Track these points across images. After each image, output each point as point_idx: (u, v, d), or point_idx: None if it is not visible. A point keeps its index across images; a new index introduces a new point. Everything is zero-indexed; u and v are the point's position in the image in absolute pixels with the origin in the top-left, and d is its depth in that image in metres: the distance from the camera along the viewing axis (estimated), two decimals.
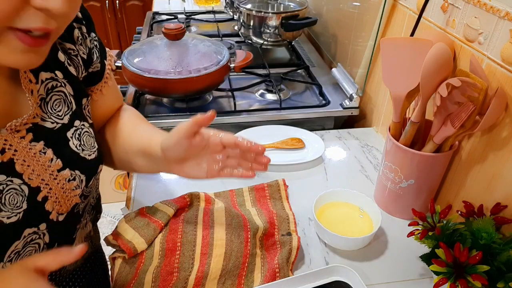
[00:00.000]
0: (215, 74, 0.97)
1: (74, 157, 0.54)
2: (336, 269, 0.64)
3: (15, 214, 0.46)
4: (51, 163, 0.51)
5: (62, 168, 0.52)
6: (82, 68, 0.58)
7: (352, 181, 0.86)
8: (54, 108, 0.52)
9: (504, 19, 0.58)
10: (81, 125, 0.56)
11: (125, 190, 2.27)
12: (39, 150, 0.49)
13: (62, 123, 0.53)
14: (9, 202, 0.46)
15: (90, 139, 0.58)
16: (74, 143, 0.55)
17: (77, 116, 0.56)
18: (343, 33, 1.21)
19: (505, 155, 0.60)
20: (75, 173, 0.54)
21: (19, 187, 0.47)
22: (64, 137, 0.54)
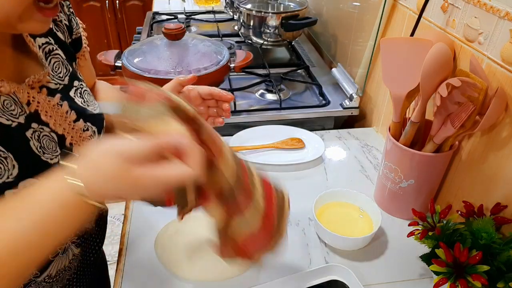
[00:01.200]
0: (215, 74, 0.97)
1: (83, 110, 0.59)
2: (332, 268, 0.64)
3: (55, 157, 0.52)
4: (67, 115, 0.55)
5: (77, 119, 0.57)
6: (67, 34, 0.62)
7: (352, 181, 0.86)
8: (55, 70, 0.57)
9: (504, 19, 0.58)
10: (80, 85, 0.61)
11: None
12: (56, 103, 0.54)
13: (64, 84, 0.57)
14: (47, 146, 0.51)
15: (90, 96, 0.62)
16: (79, 100, 0.59)
17: (75, 77, 0.60)
18: (343, 33, 1.21)
19: (505, 155, 0.60)
20: (87, 124, 0.58)
21: (49, 134, 0.52)
22: (69, 96, 0.58)
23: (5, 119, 0.47)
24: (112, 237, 2.01)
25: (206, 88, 0.66)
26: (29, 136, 0.49)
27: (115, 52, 1.02)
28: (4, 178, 0.45)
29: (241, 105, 1.07)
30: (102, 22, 2.74)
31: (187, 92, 0.66)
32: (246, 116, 1.02)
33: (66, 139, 0.55)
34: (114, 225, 2.08)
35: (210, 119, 0.67)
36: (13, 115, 0.48)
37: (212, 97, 0.66)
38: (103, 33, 2.79)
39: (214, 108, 0.67)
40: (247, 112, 1.04)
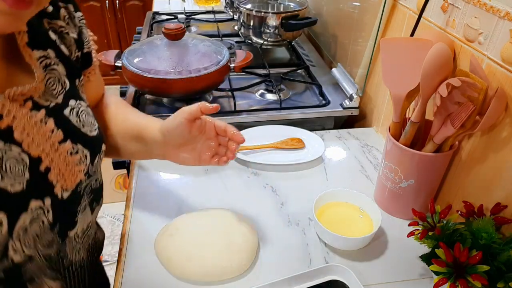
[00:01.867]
0: (215, 74, 0.97)
1: (75, 130, 0.52)
2: (332, 268, 0.64)
3: (19, 183, 0.44)
4: (52, 134, 0.49)
5: (63, 140, 0.50)
6: (75, 48, 0.57)
7: (352, 181, 0.86)
8: (48, 86, 0.50)
9: (504, 19, 0.58)
10: (77, 104, 0.55)
11: (125, 190, 2.27)
12: (40, 119, 0.47)
13: (56, 102, 0.51)
14: (10, 170, 0.44)
15: (90, 118, 0.56)
16: (73, 119, 0.53)
17: (72, 95, 0.54)
18: (343, 33, 1.21)
19: (505, 155, 0.60)
20: (77, 146, 0.52)
21: (18, 156, 0.45)
22: (62, 115, 0.52)
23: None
24: (112, 237, 2.02)
25: (223, 123, 0.63)
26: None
27: (115, 52, 1.02)
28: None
29: (241, 105, 1.07)
30: (102, 22, 2.74)
31: (204, 121, 0.62)
32: (246, 116, 1.02)
33: (42, 163, 0.47)
34: (114, 225, 2.08)
35: (215, 157, 0.64)
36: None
37: (226, 135, 0.63)
38: (103, 33, 2.79)
39: (224, 148, 0.64)
40: (247, 112, 1.04)
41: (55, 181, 0.49)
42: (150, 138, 0.64)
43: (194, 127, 0.61)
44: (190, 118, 0.59)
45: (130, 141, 0.66)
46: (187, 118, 0.59)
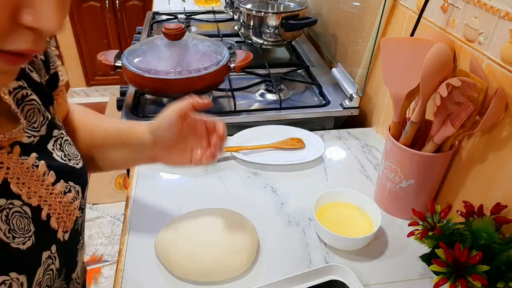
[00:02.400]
0: (215, 74, 0.97)
1: (64, 168, 0.50)
2: (332, 268, 0.64)
3: (28, 238, 0.43)
4: (44, 177, 0.46)
5: (56, 181, 0.48)
6: (44, 71, 0.53)
7: (352, 181, 0.86)
8: (28, 119, 0.47)
9: (504, 19, 0.58)
10: (60, 134, 0.52)
11: (125, 190, 2.27)
12: (31, 164, 0.44)
13: (40, 135, 0.48)
14: (18, 227, 0.42)
15: (72, 147, 0.54)
16: (58, 155, 0.50)
17: (54, 125, 0.51)
18: (343, 33, 1.21)
19: (505, 155, 0.60)
20: (69, 184, 0.50)
21: (21, 209, 0.43)
22: (46, 150, 0.49)
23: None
24: (112, 237, 2.02)
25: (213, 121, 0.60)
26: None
27: (115, 52, 1.02)
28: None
29: (241, 105, 1.07)
30: (102, 22, 2.74)
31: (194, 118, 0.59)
32: (246, 116, 1.02)
33: (43, 210, 0.45)
34: (114, 225, 2.08)
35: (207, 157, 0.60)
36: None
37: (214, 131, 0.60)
38: (103, 33, 2.79)
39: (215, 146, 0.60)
40: (247, 112, 1.04)
41: (56, 226, 0.48)
42: (137, 141, 0.61)
43: (185, 125, 0.58)
44: (182, 114, 0.56)
45: (110, 150, 0.63)
46: (178, 113, 0.56)
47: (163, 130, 0.58)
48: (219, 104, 1.09)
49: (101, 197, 2.21)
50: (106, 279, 1.79)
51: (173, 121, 0.57)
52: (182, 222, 0.71)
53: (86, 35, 2.78)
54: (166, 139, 0.59)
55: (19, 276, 0.40)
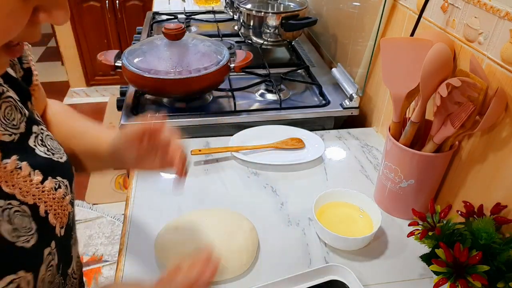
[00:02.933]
0: (215, 74, 0.97)
1: (49, 163, 0.49)
2: (332, 268, 0.64)
3: (31, 236, 0.43)
4: (31, 177, 0.46)
5: (44, 179, 0.48)
6: (19, 67, 0.53)
7: (352, 181, 0.86)
8: (7, 117, 0.46)
9: (504, 19, 0.58)
10: (40, 130, 0.52)
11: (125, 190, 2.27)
12: (14, 167, 0.44)
13: (20, 133, 0.48)
14: (20, 226, 0.42)
15: (54, 142, 0.53)
16: (41, 150, 0.50)
17: (33, 121, 0.51)
18: (343, 33, 1.21)
19: (505, 155, 0.60)
20: (57, 180, 0.50)
21: (20, 208, 0.43)
22: (28, 147, 0.48)
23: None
24: (112, 237, 2.01)
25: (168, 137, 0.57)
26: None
27: (115, 52, 1.02)
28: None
29: (241, 105, 1.07)
30: (102, 22, 2.74)
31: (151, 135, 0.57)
32: (246, 116, 1.02)
33: (40, 208, 0.45)
34: (114, 225, 2.08)
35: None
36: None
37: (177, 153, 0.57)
38: (103, 33, 2.79)
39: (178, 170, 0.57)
40: (247, 112, 1.04)
41: (54, 222, 0.48)
42: (103, 154, 0.61)
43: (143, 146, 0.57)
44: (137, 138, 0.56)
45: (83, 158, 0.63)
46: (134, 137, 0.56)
47: (122, 152, 0.58)
48: (219, 104, 1.09)
49: (101, 197, 2.21)
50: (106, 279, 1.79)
51: (129, 145, 0.57)
52: (182, 222, 0.71)
53: (86, 35, 2.78)
54: (127, 158, 0.59)
55: (26, 274, 0.41)
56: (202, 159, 0.91)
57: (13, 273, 0.40)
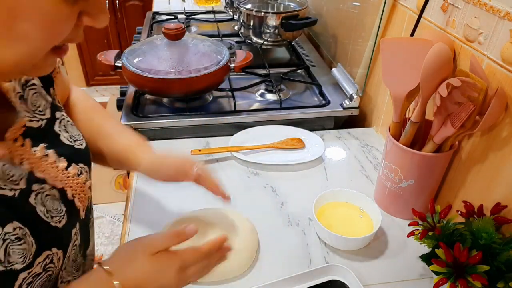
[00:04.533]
0: (215, 74, 0.97)
1: (72, 151, 0.52)
2: (332, 268, 0.64)
3: (62, 217, 0.47)
4: (57, 164, 0.49)
5: (68, 165, 0.51)
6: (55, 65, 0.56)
7: (352, 181, 0.86)
8: (34, 104, 0.49)
9: (504, 19, 0.58)
10: (62, 116, 0.54)
11: (125, 190, 2.27)
12: (42, 154, 0.47)
13: (46, 118, 0.51)
14: (52, 208, 0.46)
15: (73, 128, 0.56)
16: (65, 136, 0.53)
17: (56, 107, 0.54)
18: (343, 33, 1.21)
19: (505, 155, 0.60)
20: (79, 166, 0.53)
21: (50, 192, 0.46)
22: (54, 133, 0.51)
23: (8, 189, 0.41)
24: (112, 237, 2.02)
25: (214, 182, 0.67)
26: (33, 203, 0.43)
27: (115, 52, 1.02)
28: (26, 261, 0.40)
29: (241, 105, 1.07)
30: None
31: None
32: (246, 116, 1.02)
33: (67, 192, 0.49)
34: (114, 225, 2.08)
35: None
36: (14, 181, 0.42)
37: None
38: (103, 33, 2.79)
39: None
40: (247, 112, 1.04)
41: (79, 205, 0.52)
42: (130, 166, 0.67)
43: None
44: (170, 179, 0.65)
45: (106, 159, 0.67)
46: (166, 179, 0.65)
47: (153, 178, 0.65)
48: (219, 104, 1.09)
49: (101, 197, 2.20)
50: None
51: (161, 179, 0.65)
52: (182, 222, 0.70)
53: (86, 35, 2.78)
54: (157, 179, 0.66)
55: (58, 251, 0.45)
56: (202, 159, 0.91)
57: (49, 249, 0.43)
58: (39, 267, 0.42)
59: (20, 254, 0.40)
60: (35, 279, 0.42)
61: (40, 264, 0.42)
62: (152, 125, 0.98)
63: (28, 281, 0.41)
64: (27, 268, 0.40)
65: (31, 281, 0.41)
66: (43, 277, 0.43)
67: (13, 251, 0.39)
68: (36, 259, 0.42)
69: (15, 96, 0.47)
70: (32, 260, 0.41)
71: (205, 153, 0.91)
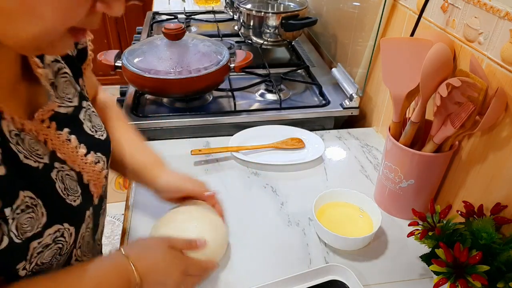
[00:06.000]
0: (215, 74, 0.97)
1: (92, 140, 0.55)
2: (332, 268, 0.64)
3: (78, 197, 0.49)
4: (77, 149, 0.52)
5: (87, 153, 0.53)
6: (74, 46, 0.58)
7: (352, 181, 0.86)
8: (64, 91, 0.52)
9: (504, 19, 0.58)
10: (87, 105, 0.57)
11: (125, 190, 2.27)
12: (65, 138, 0.50)
13: (74, 106, 0.53)
14: (69, 187, 0.49)
15: (97, 118, 0.59)
16: (88, 126, 0.55)
17: (83, 97, 0.57)
18: (343, 33, 1.21)
19: (505, 155, 0.60)
20: (97, 155, 0.55)
21: (69, 173, 0.49)
22: (78, 121, 0.54)
23: (33, 160, 0.44)
24: (112, 237, 2.01)
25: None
26: (54, 178, 0.46)
27: (115, 52, 1.02)
28: (34, 229, 0.42)
29: (241, 105, 1.07)
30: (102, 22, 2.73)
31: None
32: (246, 116, 1.02)
33: (83, 176, 0.52)
34: (114, 225, 2.08)
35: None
36: (39, 155, 0.45)
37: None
38: (103, 33, 2.79)
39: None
40: (247, 112, 1.04)
41: (93, 191, 0.54)
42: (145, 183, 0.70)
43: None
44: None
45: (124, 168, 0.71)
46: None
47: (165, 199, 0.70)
48: (219, 104, 1.09)
49: None
50: None
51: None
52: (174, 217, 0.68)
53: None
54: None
55: (70, 227, 0.47)
56: (202, 159, 0.91)
57: (60, 224, 0.46)
58: (49, 238, 0.44)
59: (28, 223, 0.42)
60: (45, 250, 0.44)
61: (51, 236, 0.44)
62: (152, 125, 0.98)
63: (38, 250, 0.43)
64: (37, 237, 0.43)
65: (40, 251, 0.44)
66: (52, 248, 0.45)
67: (21, 220, 0.41)
68: (46, 230, 0.44)
69: (48, 82, 0.50)
70: (42, 230, 0.43)
71: (205, 153, 0.91)
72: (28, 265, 0.43)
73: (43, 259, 0.44)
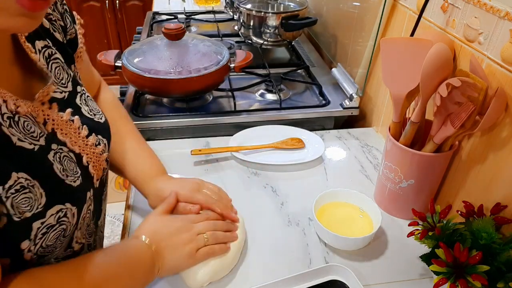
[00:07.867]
0: (215, 74, 0.97)
1: (92, 122, 0.56)
2: (332, 268, 0.64)
3: (77, 178, 0.50)
4: (80, 131, 0.53)
5: (89, 134, 0.54)
6: (63, 35, 0.58)
7: (352, 181, 0.86)
8: (57, 77, 0.52)
9: (504, 19, 0.58)
10: (82, 90, 0.57)
11: (125, 190, 2.27)
12: (68, 119, 0.51)
13: (68, 91, 0.54)
14: (68, 168, 0.49)
15: (93, 103, 0.59)
16: (85, 109, 0.56)
17: (76, 82, 0.57)
18: (343, 33, 1.21)
19: (505, 155, 0.60)
20: (98, 137, 0.56)
21: (68, 154, 0.50)
22: (76, 105, 0.55)
23: (28, 143, 0.44)
24: (112, 237, 2.01)
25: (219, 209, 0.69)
26: (51, 159, 0.47)
27: (115, 52, 1.02)
28: (34, 209, 0.43)
29: (241, 105, 1.07)
30: (102, 22, 2.74)
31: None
32: (246, 116, 1.02)
33: (83, 158, 0.52)
34: (114, 225, 2.08)
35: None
36: (34, 137, 0.45)
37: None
38: (103, 33, 2.79)
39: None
40: (247, 112, 1.04)
41: (93, 172, 0.55)
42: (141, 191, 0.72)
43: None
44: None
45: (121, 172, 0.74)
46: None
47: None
48: (219, 104, 1.09)
49: None
50: None
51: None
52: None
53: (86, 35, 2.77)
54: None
55: (72, 207, 0.48)
56: (202, 159, 0.91)
57: (62, 204, 0.46)
58: (53, 219, 0.45)
59: (26, 203, 0.42)
60: (49, 230, 0.45)
61: (54, 216, 0.45)
62: (152, 125, 0.98)
63: (42, 231, 0.44)
64: (39, 217, 0.43)
65: (45, 232, 0.44)
66: (57, 229, 0.45)
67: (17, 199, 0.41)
68: (48, 210, 0.44)
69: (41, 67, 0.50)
70: (43, 210, 0.44)
71: (205, 153, 0.91)
72: (33, 247, 0.43)
73: (48, 241, 0.45)
